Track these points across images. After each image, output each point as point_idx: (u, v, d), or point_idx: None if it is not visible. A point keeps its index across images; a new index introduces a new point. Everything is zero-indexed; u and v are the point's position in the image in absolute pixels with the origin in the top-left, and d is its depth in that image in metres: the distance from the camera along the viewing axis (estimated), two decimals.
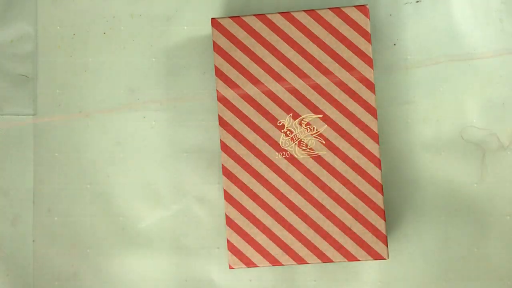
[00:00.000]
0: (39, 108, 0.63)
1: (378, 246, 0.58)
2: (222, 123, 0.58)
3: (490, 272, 0.61)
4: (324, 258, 0.58)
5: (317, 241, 0.58)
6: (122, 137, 0.63)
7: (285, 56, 0.58)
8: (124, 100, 0.63)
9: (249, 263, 0.58)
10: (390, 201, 0.61)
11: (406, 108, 0.62)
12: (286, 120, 0.58)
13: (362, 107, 0.58)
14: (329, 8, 0.58)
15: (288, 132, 0.58)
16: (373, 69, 0.58)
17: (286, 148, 0.58)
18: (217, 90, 0.58)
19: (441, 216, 0.61)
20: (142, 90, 0.63)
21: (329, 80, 0.58)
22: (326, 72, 0.58)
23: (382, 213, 0.58)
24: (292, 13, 0.58)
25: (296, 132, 0.58)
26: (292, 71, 0.58)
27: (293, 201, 0.58)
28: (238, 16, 0.59)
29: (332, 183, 0.58)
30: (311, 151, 0.58)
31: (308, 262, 0.58)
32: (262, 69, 0.58)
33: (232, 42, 0.58)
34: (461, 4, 0.62)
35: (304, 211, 0.58)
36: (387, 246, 0.58)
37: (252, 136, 0.58)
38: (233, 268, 0.58)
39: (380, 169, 0.58)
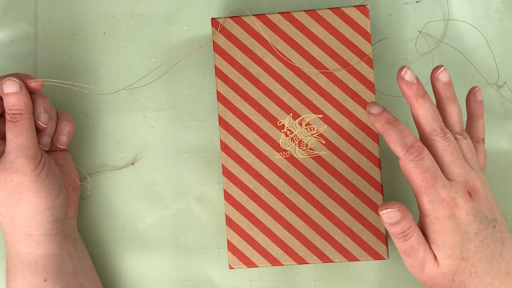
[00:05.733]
0: None
1: (378, 246, 0.58)
2: (222, 123, 0.58)
3: None
4: (324, 258, 0.58)
5: (317, 241, 0.58)
6: (122, 137, 0.63)
7: (285, 56, 0.58)
8: (124, 100, 0.63)
9: (249, 263, 0.58)
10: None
11: (406, 108, 0.62)
12: (286, 120, 0.58)
13: (362, 107, 0.58)
14: (329, 8, 0.58)
15: (288, 132, 0.58)
16: (373, 69, 0.58)
17: (286, 148, 0.58)
18: (217, 90, 0.59)
19: None
20: (142, 90, 0.63)
21: (329, 80, 0.58)
22: (326, 72, 0.58)
23: None
24: (292, 13, 0.58)
25: (296, 132, 0.58)
26: (292, 71, 0.58)
27: (293, 201, 0.58)
28: (238, 16, 0.59)
29: (332, 183, 0.58)
30: (311, 151, 0.58)
31: (308, 262, 0.58)
32: (262, 69, 0.58)
33: (232, 42, 0.58)
34: (461, 4, 0.62)
35: (304, 211, 0.58)
36: (387, 246, 0.58)
37: (252, 136, 0.58)
38: (233, 268, 0.58)
39: (380, 169, 0.58)
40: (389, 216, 0.51)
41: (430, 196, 0.50)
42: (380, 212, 0.51)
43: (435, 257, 0.51)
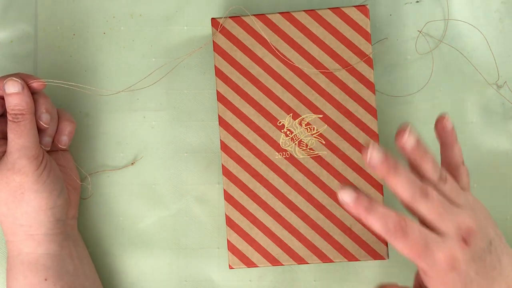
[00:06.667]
0: None
1: (378, 246, 0.58)
2: (222, 123, 0.58)
3: None
4: (324, 258, 0.58)
5: (317, 241, 0.58)
6: (122, 137, 0.63)
7: (285, 56, 0.58)
8: (124, 100, 0.63)
9: (249, 263, 0.58)
10: (390, 201, 0.61)
11: (405, 108, 0.62)
12: (286, 120, 0.58)
13: (362, 107, 0.58)
14: (329, 8, 0.58)
15: (288, 132, 0.58)
16: (373, 69, 0.58)
17: (286, 148, 0.58)
18: (217, 90, 0.59)
19: None
20: (142, 90, 0.63)
21: (329, 80, 0.58)
22: (326, 72, 0.58)
23: None
24: (292, 13, 0.58)
25: (296, 132, 0.58)
26: (292, 71, 0.58)
27: (293, 201, 0.58)
28: (238, 16, 0.59)
29: (332, 183, 0.58)
30: (311, 151, 0.58)
31: (308, 262, 0.58)
32: (262, 69, 0.58)
33: (232, 42, 0.58)
34: (461, 4, 0.62)
35: (304, 211, 0.58)
36: (387, 246, 0.58)
37: (252, 136, 0.58)
38: (233, 268, 0.58)
39: None
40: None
41: (427, 261, 0.48)
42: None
43: None
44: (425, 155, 0.50)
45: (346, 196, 0.47)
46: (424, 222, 0.49)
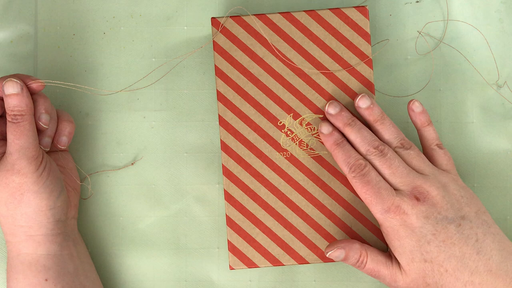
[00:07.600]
0: None
1: (378, 245, 0.58)
2: (222, 123, 0.58)
3: None
4: (324, 258, 0.58)
5: (318, 241, 0.58)
6: (122, 137, 0.63)
7: (285, 56, 0.58)
8: (124, 100, 0.63)
9: (249, 264, 0.58)
10: None
11: (405, 108, 0.62)
12: (287, 120, 0.58)
13: None
14: (329, 9, 0.58)
15: (288, 132, 0.58)
16: (373, 69, 0.58)
17: (286, 148, 0.58)
18: (217, 90, 0.59)
19: None
20: (142, 90, 0.63)
21: (329, 80, 0.58)
22: (326, 72, 0.58)
23: None
24: (292, 13, 0.58)
25: (297, 132, 0.58)
26: (292, 71, 0.58)
27: (293, 201, 0.58)
28: (238, 16, 0.59)
29: (333, 183, 0.58)
30: (312, 151, 0.58)
31: (309, 262, 0.58)
32: (262, 69, 0.58)
33: (232, 41, 0.58)
34: (461, 4, 0.62)
35: (305, 211, 0.58)
36: (387, 246, 0.58)
37: (252, 136, 0.58)
38: (233, 269, 0.58)
39: None
40: (335, 256, 0.55)
41: (377, 206, 0.53)
42: (327, 255, 0.55)
43: (400, 267, 0.53)
44: (381, 119, 0.55)
45: (324, 128, 0.56)
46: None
